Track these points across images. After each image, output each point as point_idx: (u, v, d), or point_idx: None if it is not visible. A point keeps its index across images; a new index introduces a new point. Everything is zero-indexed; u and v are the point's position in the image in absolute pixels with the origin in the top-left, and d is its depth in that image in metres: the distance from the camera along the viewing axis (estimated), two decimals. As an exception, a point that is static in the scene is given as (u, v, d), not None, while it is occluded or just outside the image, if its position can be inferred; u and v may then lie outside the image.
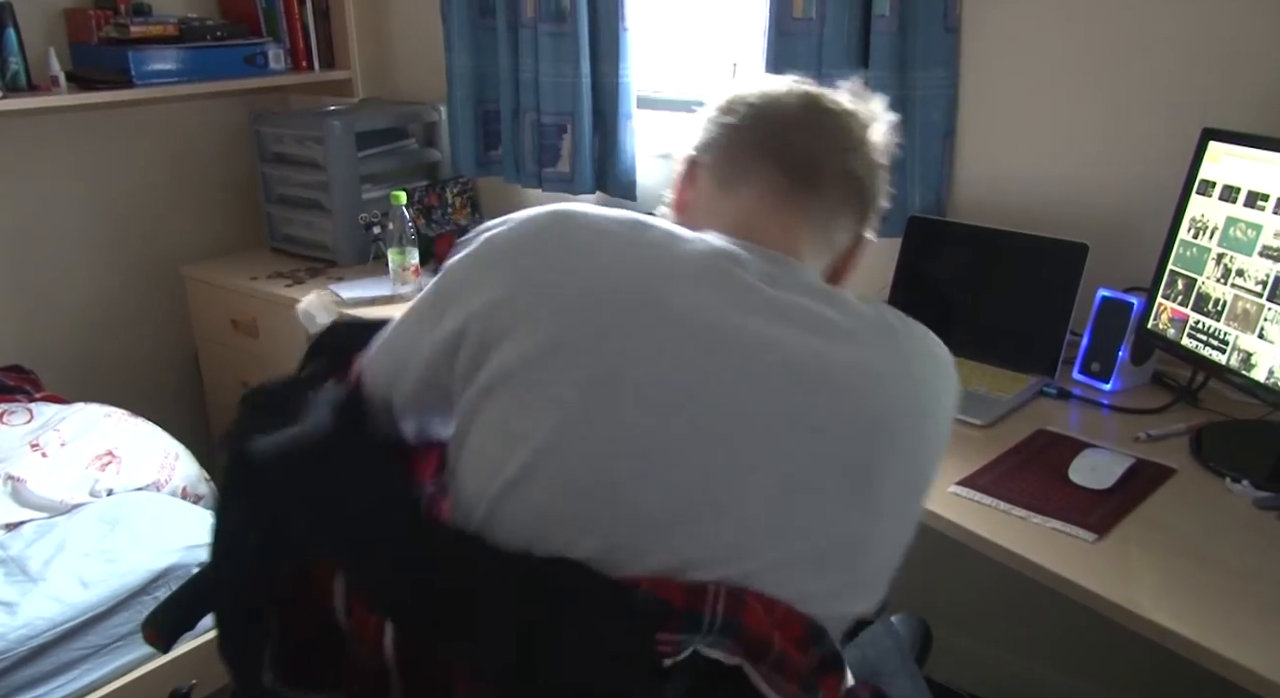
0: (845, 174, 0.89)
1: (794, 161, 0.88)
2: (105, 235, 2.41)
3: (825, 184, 0.88)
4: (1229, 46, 1.45)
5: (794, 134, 0.89)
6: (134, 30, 2.15)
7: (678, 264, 0.79)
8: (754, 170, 0.88)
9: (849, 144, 0.90)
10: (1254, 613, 0.95)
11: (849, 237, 0.92)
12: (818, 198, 0.88)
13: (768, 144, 0.89)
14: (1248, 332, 1.24)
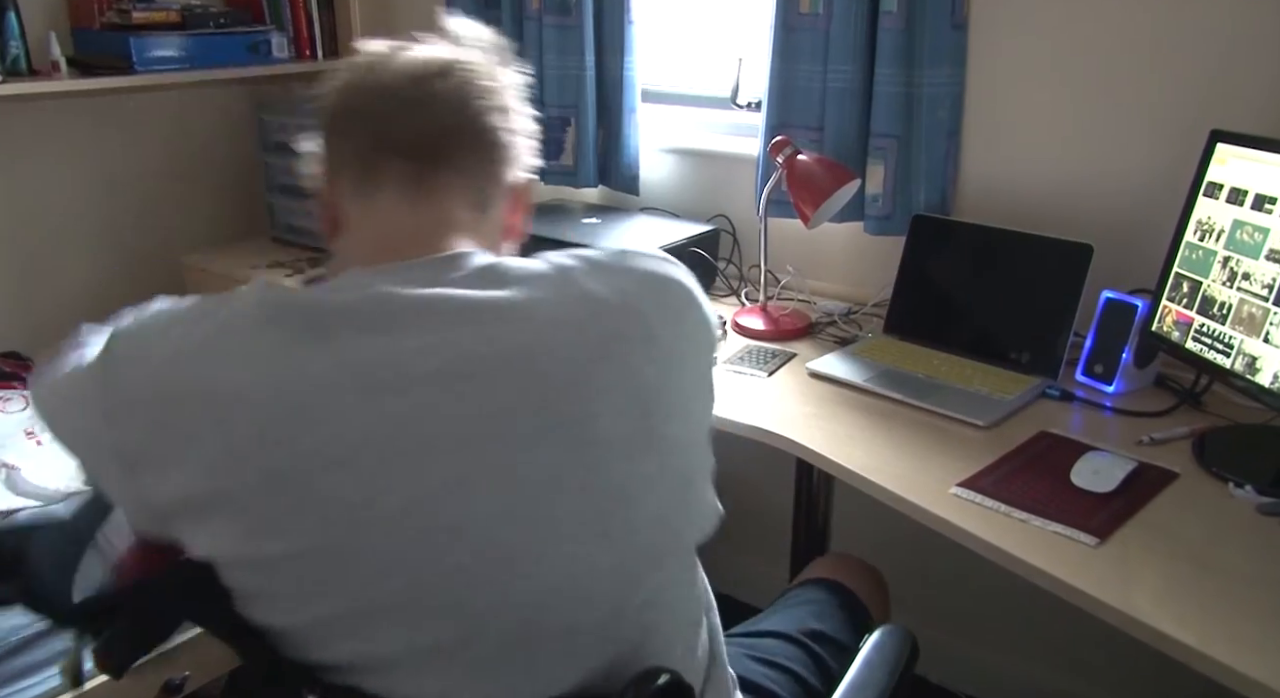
0: (477, 133, 0.84)
1: (417, 145, 0.82)
2: (105, 222, 2.40)
3: (459, 154, 0.83)
4: (1238, 48, 1.44)
5: (407, 116, 0.83)
6: (136, 16, 2.14)
7: (306, 365, 0.70)
8: (380, 169, 0.82)
9: (470, 101, 0.84)
10: (1256, 619, 0.94)
11: (505, 188, 0.87)
12: (456, 172, 0.83)
13: (384, 137, 0.82)
14: (1253, 336, 1.23)
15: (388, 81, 0.84)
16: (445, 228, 0.82)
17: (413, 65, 0.85)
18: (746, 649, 1.07)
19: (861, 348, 1.62)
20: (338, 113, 0.85)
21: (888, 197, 1.74)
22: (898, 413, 1.41)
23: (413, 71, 0.84)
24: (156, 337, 0.75)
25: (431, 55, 0.86)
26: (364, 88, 0.84)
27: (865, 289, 1.85)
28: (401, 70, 0.84)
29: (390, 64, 0.85)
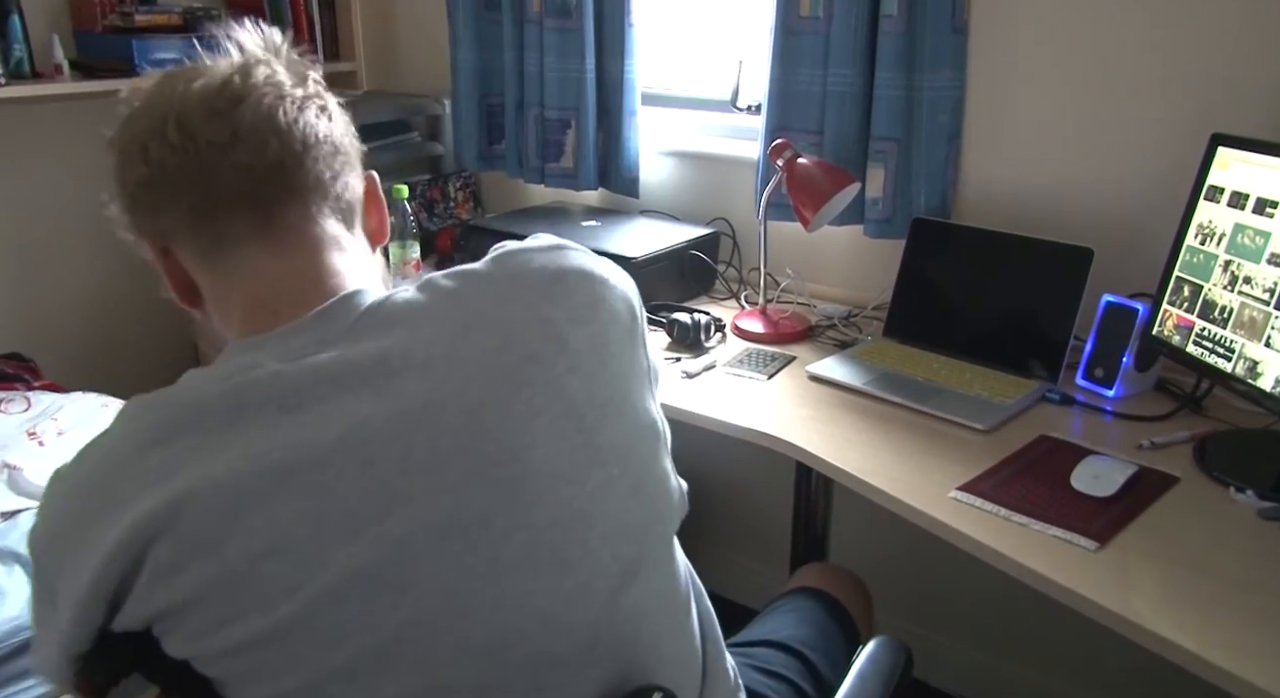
0: (306, 152, 0.75)
1: (247, 191, 0.73)
2: (106, 224, 2.40)
3: (298, 181, 0.75)
4: (1239, 52, 1.44)
5: (222, 163, 0.72)
6: (139, 19, 2.15)
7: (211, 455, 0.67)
8: (219, 230, 0.74)
9: (284, 121, 0.74)
10: (1256, 625, 0.94)
11: (355, 191, 0.81)
12: (304, 202, 0.75)
13: (207, 196, 0.73)
14: (1254, 340, 1.23)
15: (186, 130, 0.73)
16: (318, 267, 0.75)
17: (205, 102, 0.74)
18: (744, 658, 1.07)
19: (861, 351, 1.62)
20: (142, 186, 0.76)
21: (888, 200, 1.74)
22: (897, 416, 1.41)
23: (207, 110, 0.73)
24: (61, 523, 0.70)
25: (219, 82, 0.75)
26: (162, 148, 0.73)
27: (865, 292, 1.85)
28: (195, 113, 0.73)
29: (180, 109, 0.74)
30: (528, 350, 0.70)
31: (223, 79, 0.75)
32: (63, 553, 0.69)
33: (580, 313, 0.73)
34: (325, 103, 0.79)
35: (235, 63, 0.77)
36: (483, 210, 2.43)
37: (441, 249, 2.19)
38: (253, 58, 0.78)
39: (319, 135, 0.76)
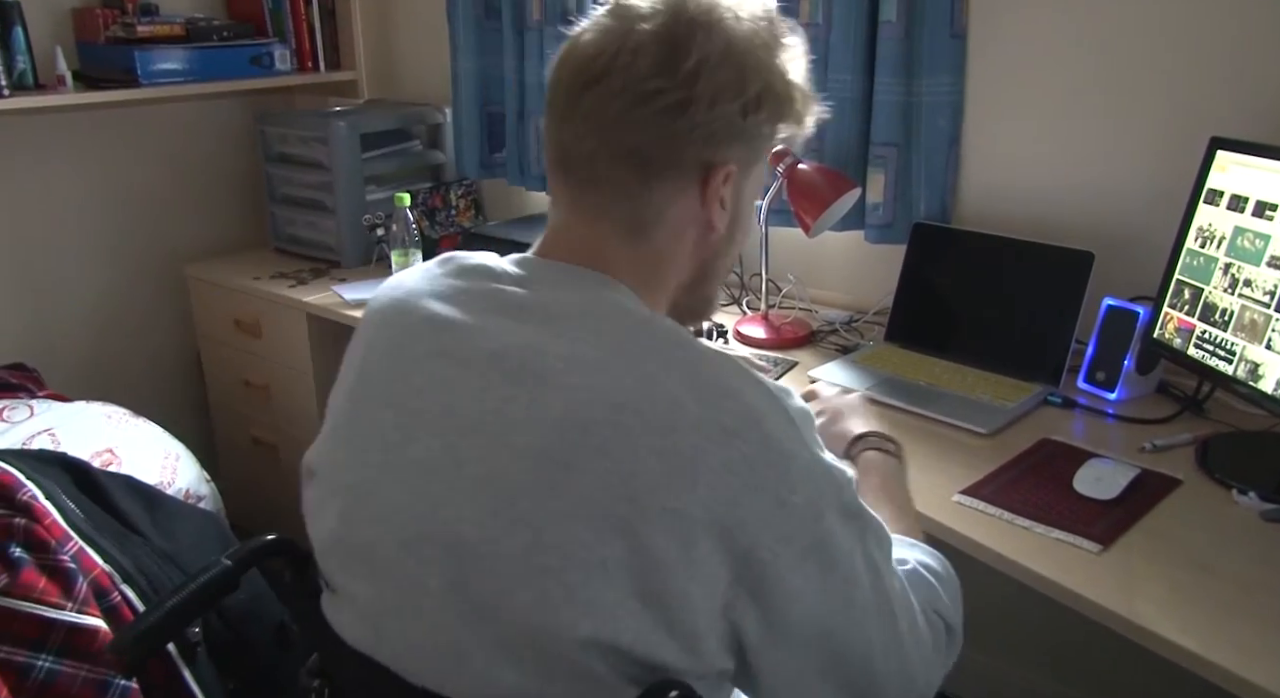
0: (623, 153, 0.75)
1: (566, 164, 0.78)
2: (109, 234, 2.42)
3: (604, 174, 0.77)
4: (1237, 55, 1.44)
5: (559, 130, 0.78)
6: (141, 30, 2.16)
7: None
8: (552, 179, 0.81)
9: (617, 113, 0.74)
10: (1260, 626, 0.94)
11: (671, 207, 0.78)
12: (605, 196, 0.77)
13: (549, 147, 0.80)
14: (1255, 342, 1.23)
15: (556, 84, 0.79)
16: (598, 252, 0.78)
17: (574, 65, 0.78)
18: None
19: (863, 356, 1.62)
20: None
21: (888, 205, 1.74)
22: (900, 421, 1.41)
23: (571, 74, 0.77)
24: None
25: (593, 51, 0.76)
26: (549, 85, 0.81)
27: (866, 297, 1.85)
28: (563, 71, 0.79)
29: (566, 59, 0.79)
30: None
31: (592, 51, 0.79)
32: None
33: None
34: (677, 99, 0.77)
35: (614, 26, 0.78)
36: (484, 218, 2.44)
37: (443, 257, 2.20)
38: (630, 18, 0.79)
39: (640, 143, 0.78)
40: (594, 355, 0.70)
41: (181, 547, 1.56)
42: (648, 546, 0.65)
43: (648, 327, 0.73)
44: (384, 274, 2.08)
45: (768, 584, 0.68)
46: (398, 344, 0.77)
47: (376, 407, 0.76)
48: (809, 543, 0.69)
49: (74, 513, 1.47)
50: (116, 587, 1.41)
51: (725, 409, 0.67)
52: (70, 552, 1.38)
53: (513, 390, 0.70)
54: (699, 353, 0.71)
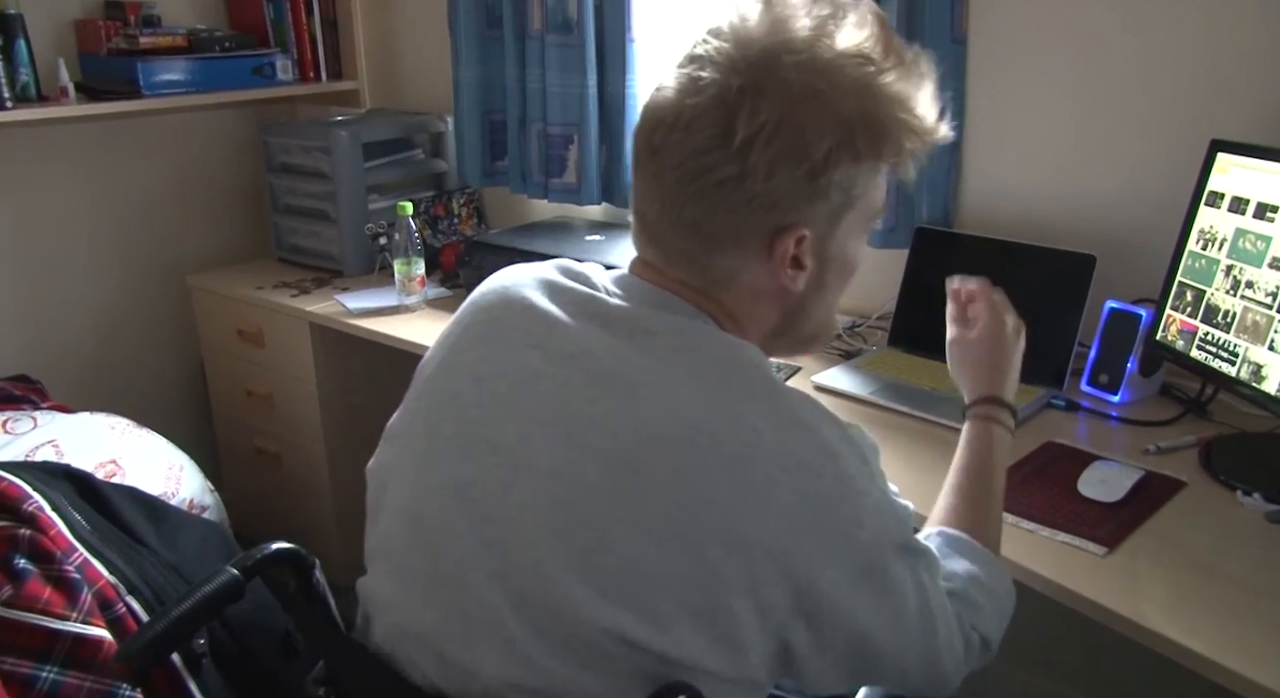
0: (691, 221, 0.74)
1: (640, 214, 0.78)
2: (112, 245, 2.42)
3: (670, 238, 0.77)
4: (1238, 58, 1.44)
5: (638, 178, 0.78)
6: (143, 41, 2.17)
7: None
8: (633, 220, 0.81)
9: (679, 181, 0.74)
10: (1266, 628, 0.94)
11: (740, 268, 0.76)
12: (676, 253, 0.77)
13: (632, 187, 0.80)
14: (1258, 344, 1.23)
15: (634, 137, 0.79)
16: (682, 294, 0.78)
17: (644, 126, 0.77)
18: None
19: (866, 361, 1.63)
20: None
21: (891, 210, 1.75)
22: (903, 425, 1.41)
23: (641, 136, 0.77)
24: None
25: (658, 116, 0.75)
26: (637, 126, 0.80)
27: (869, 302, 1.85)
28: (639, 128, 0.78)
29: (642, 115, 0.78)
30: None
31: (669, 96, 0.78)
32: None
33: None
34: (742, 167, 0.74)
35: (689, 69, 0.76)
36: (486, 226, 2.45)
37: (446, 265, 2.20)
38: (711, 59, 0.76)
39: (701, 212, 0.77)
40: (679, 373, 0.71)
41: (186, 557, 1.56)
42: (711, 565, 0.66)
43: (733, 354, 0.74)
44: (386, 283, 2.09)
45: (823, 609, 0.70)
46: (495, 328, 0.79)
47: (462, 381, 0.78)
48: (867, 571, 0.71)
49: (79, 524, 1.47)
50: (121, 598, 1.41)
51: (802, 443, 0.69)
52: (75, 563, 1.38)
53: (596, 393, 0.71)
54: (780, 388, 0.73)
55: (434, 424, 0.79)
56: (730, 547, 0.66)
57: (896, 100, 0.75)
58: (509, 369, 0.76)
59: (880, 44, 0.75)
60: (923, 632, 0.77)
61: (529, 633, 0.69)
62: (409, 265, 1.98)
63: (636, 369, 0.72)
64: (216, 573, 0.88)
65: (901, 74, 0.76)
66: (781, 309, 0.80)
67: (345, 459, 2.19)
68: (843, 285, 0.83)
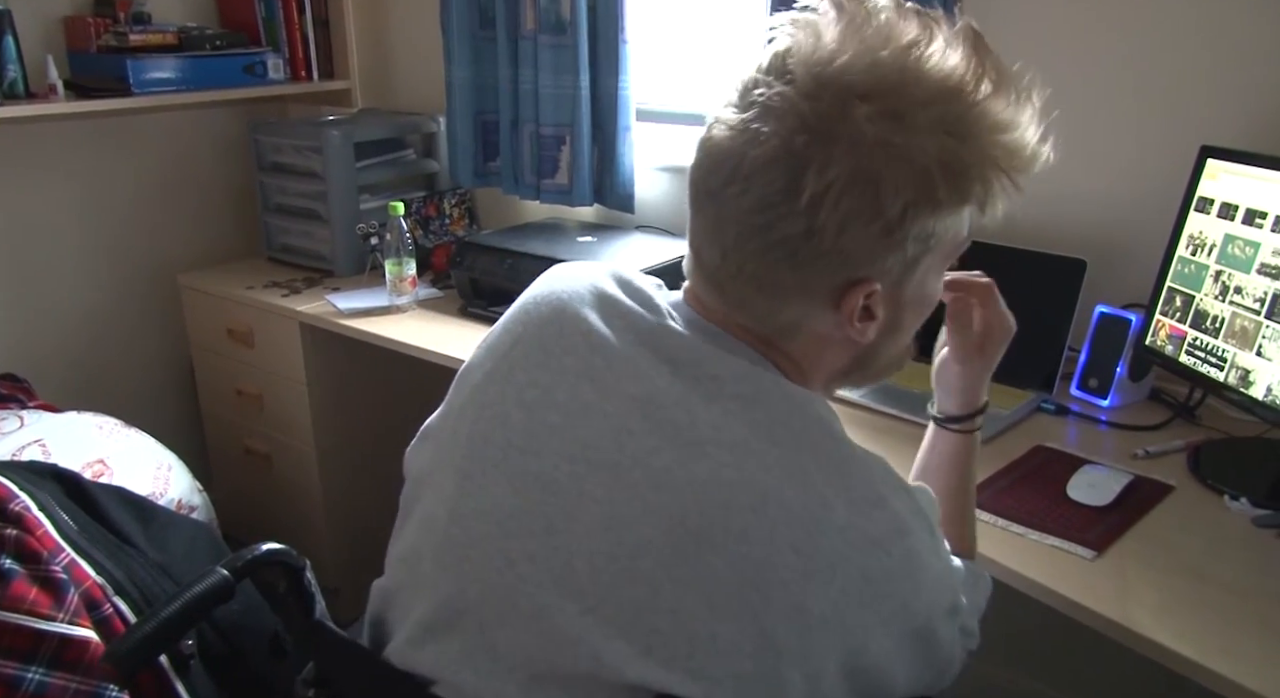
0: (752, 275, 0.69)
1: (697, 256, 0.74)
2: (101, 243, 2.41)
3: (735, 291, 0.72)
4: (1227, 65, 1.45)
5: (699, 224, 0.72)
6: (133, 39, 2.16)
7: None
8: (688, 252, 0.76)
9: (744, 234, 0.68)
10: (1253, 631, 0.95)
11: (814, 319, 0.72)
12: (737, 308, 0.73)
13: (689, 225, 0.75)
14: (1246, 349, 1.24)
15: (690, 173, 0.72)
16: (744, 335, 0.74)
17: (701, 169, 0.71)
18: None
19: (857, 363, 1.63)
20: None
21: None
22: (894, 429, 1.42)
23: (698, 178, 0.71)
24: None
25: (714, 159, 0.69)
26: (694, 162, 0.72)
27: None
28: (695, 170, 0.71)
29: (698, 156, 0.71)
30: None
31: (732, 141, 0.70)
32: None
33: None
34: (812, 223, 0.67)
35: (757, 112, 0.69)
36: (478, 227, 2.44)
37: (437, 266, 2.20)
38: (784, 97, 0.69)
39: (767, 265, 0.71)
40: (744, 433, 0.67)
41: (174, 558, 1.55)
42: (767, 633, 0.64)
43: (802, 411, 0.70)
44: (378, 284, 2.09)
45: (867, 669, 0.68)
46: (548, 350, 0.74)
47: (511, 404, 0.74)
48: (916, 634, 0.70)
49: (66, 524, 1.46)
50: (109, 599, 1.40)
51: (873, 519, 0.66)
52: (62, 563, 1.37)
53: (657, 443, 0.67)
54: (851, 453, 0.70)
55: (479, 444, 0.74)
56: (789, 617, 0.64)
57: (992, 130, 0.69)
58: (563, 401, 0.72)
59: (974, 69, 0.68)
60: (939, 667, 0.77)
61: (552, 682, 0.67)
62: (400, 266, 1.98)
63: (702, 423, 0.67)
64: (206, 574, 0.87)
65: (998, 100, 0.70)
66: (851, 355, 0.76)
67: (335, 460, 2.18)
68: (920, 320, 0.78)
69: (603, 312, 0.75)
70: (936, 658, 0.76)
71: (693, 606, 0.64)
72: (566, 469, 0.69)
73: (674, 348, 0.71)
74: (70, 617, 1.32)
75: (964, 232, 0.74)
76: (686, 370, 0.70)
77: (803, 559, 0.64)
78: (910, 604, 0.68)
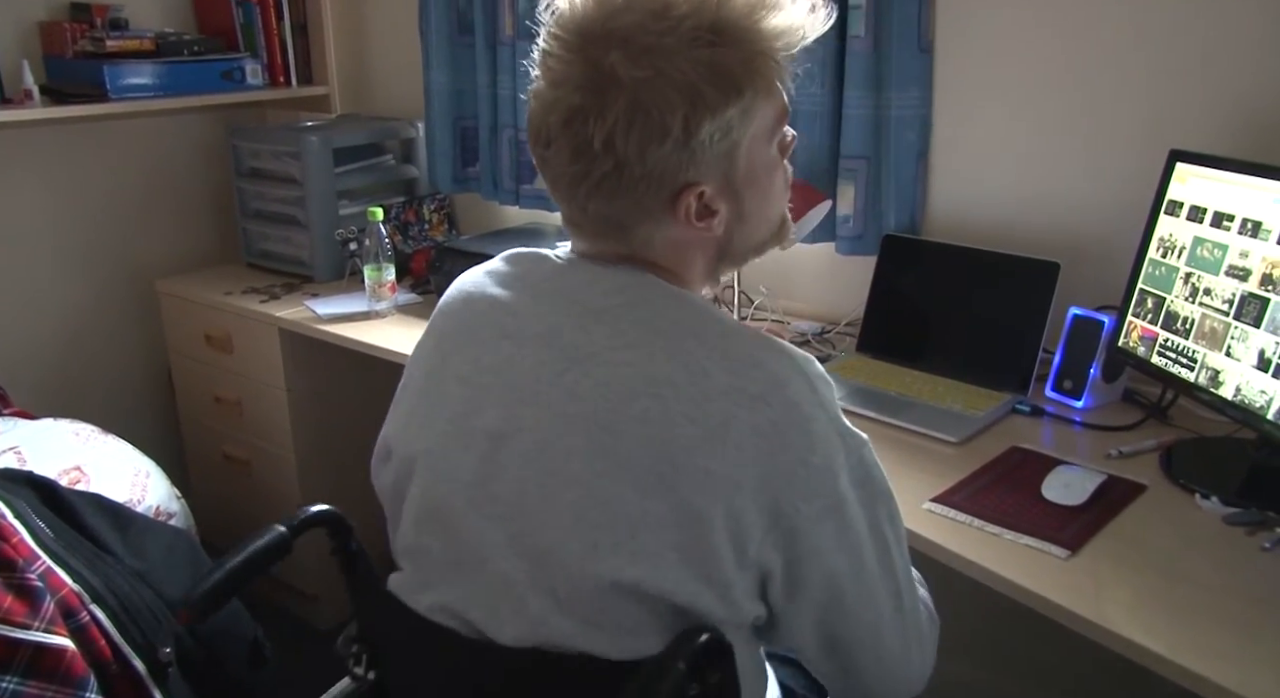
0: (581, 215, 0.82)
1: (552, 189, 0.84)
2: (78, 249, 2.39)
3: (580, 223, 0.84)
4: (1196, 71, 1.47)
5: (540, 168, 0.85)
6: (110, 45, 2.14)
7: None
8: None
9: (569, 182, 0.80)
10: (1224, 628, 0.96)
11: (662, 231, 0.81)
12: (584, 232, 0.85)
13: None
14: (1215, 349, 1.26)
15: (528, 139, 0.83)
16: (621, 260, 0.84)
17: (529, 121, 0.82)
18: None
19: (834, 367, 1.64)
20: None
21: (858, 217, 1.76)
22: (871, 430, 1.41)
23: (529, 129, 0.82)
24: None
25: (534, 121, 0.81)
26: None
27: (837, 309, 1.87)
28: (528, 121, 0.82)
29: (529, 108, 0.82)
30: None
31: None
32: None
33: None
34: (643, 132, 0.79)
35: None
36: (457, 232, 2.44)
37: (416, 271, 2.19)
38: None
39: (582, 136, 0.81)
40: (632, 335, 0.77)
41: (152, 565, 1.54)
42: (687, 502, 0.72)
43: (679, 305, 0.80)
44: (357, 289, 2.08)
45: (793, 539, 0.75)
46: (469, 328, 0.86)
47: (449, 383, 0.84)
48: (828, 503, 0.76)
49: (43, 532, 1.45)
50: (85, 606, 1.39)
51: (752, 378, 0.75)
52: (38, 571, 1.36)
53: (565, 365, 0.78)
54: (726, 328, 0.79)
55: (431, 426, 0.84)
56: (700, 483, 0.72)
57: (740, 22, 0.76)
58: (488, 361, 0.82)
59: None
60: (887, 588, 0.82)
61: (543, 598, 0.76)
62: (379, 271, 1.98)
63: (597, 338, 0.78)
64: (265, 530, 0.97)
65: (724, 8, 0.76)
66: (713, 249, 0.86)
67: (315, 466, 2.17)
68: (770, 193, 0.87)
69: (500, 282, 0.86)
70: (866, 556, 0.79)
71: (621, 492, 0.73)
72: (502, 414, 0.80)
73: (563, 287, 0.83)
74: (46, 625, 1.31)
75: (770, 113, 0.82)
76: (577, 301, 0.81)
77: (697, 427, 0.73)
78: (806, 460, 0.74)
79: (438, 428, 0.84)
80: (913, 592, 0.86)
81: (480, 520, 0.79)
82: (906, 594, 0.84)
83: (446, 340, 0.88)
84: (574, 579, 0.75)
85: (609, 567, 0.73)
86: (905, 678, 0.87)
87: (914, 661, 0.87)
